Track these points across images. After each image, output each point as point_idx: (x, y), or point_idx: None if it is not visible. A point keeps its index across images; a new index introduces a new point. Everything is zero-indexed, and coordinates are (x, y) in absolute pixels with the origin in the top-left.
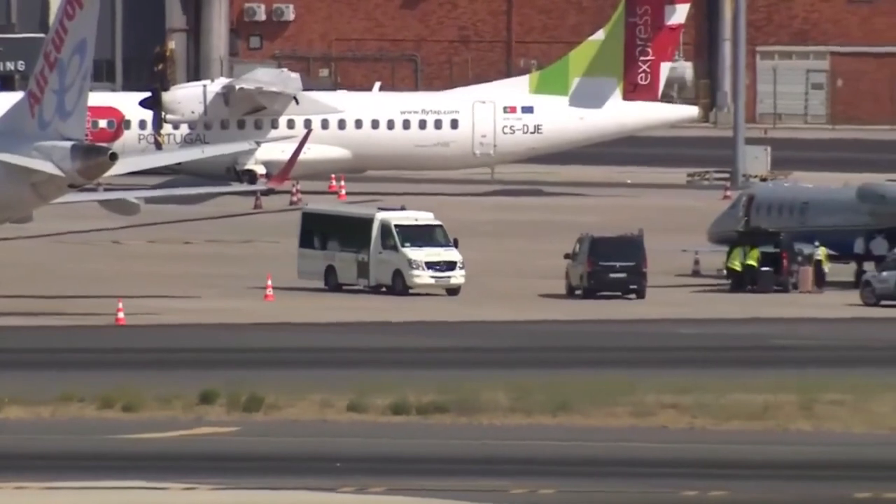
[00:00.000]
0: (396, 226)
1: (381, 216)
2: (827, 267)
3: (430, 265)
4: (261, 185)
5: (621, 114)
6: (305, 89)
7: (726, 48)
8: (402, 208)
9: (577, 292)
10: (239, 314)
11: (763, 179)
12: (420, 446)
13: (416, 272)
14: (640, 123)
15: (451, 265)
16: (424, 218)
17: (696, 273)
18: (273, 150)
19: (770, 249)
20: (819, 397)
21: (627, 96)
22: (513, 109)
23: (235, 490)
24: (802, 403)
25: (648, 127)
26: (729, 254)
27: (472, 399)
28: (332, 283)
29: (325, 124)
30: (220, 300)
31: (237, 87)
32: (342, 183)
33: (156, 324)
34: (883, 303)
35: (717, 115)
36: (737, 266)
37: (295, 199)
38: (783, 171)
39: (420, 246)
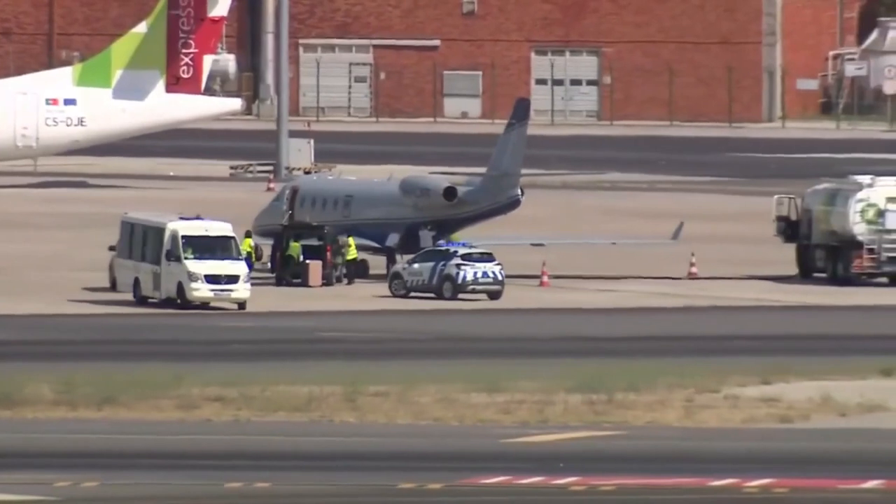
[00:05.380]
0: (183, 236)
1: (171, 226)
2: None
3: (210, 278)
4: None
5: (164, 106)
6: None
7: (269, 41)
8: (198, 217)
9: None
10: None
11: (307, 172)
12: None
13: (194, 285)
14: (183, 116)
15: (233, 279)
16: (217, 228)
17: None
18: None
19: (314, 242)
20: (363, 389)
21: (171, 89)
22: (55, 101)
23: None
24: (347, 395)
25: (192, 119)
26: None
27: (16, 392)
28: (138, 295)
29: None
30: None
31: None
32: None
33: None
34: (413, 294)
35: (259, 108)
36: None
37: None
38: (327, 163)
39: (205, 258)
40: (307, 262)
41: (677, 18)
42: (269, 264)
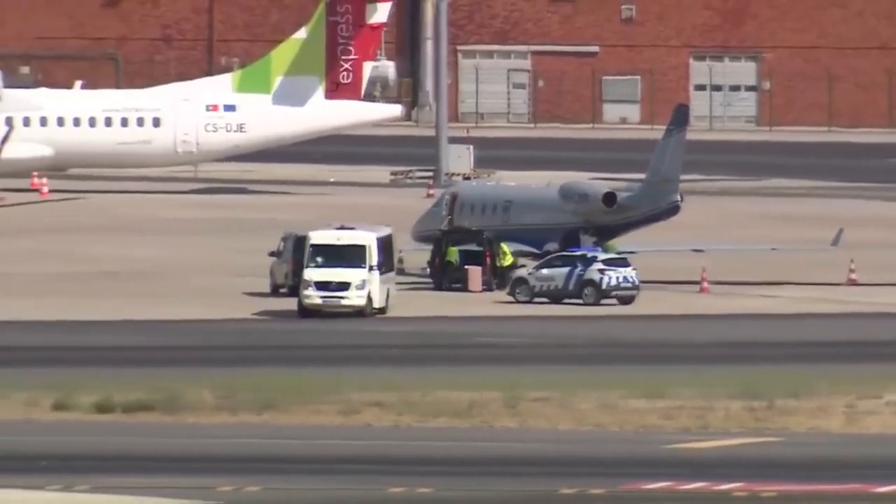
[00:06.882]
0: (312, 245)
1: (311, 234)
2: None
3: (320, 285)
4: None
5: (324, 112)
6: (6, 87)
7: (428, 47)
8: (342, 227)
9: (283, 290)
10: None
11: (466, 178)
12: (126, 444)
13: (306, 292)
14: (343, 122)
15: (343, 286)
16: (348, 237)
17: (401, 271)
18: None
19: (474, 248)
20: (524, 395)
21: (330, 95)
22: (215, 107)
23: None
24: (507, 401)
25: (351, 125)
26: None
27: (178, 397)
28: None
29: (26, 122)
30: None
31: None
32: (44, 181)
33: None
34: (537, 300)
35: (419, 114)
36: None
37: None
38: (486, 169)
39: (327, 266)
40: (467, 267)
41: (837, 24)
42: (427, 269)
